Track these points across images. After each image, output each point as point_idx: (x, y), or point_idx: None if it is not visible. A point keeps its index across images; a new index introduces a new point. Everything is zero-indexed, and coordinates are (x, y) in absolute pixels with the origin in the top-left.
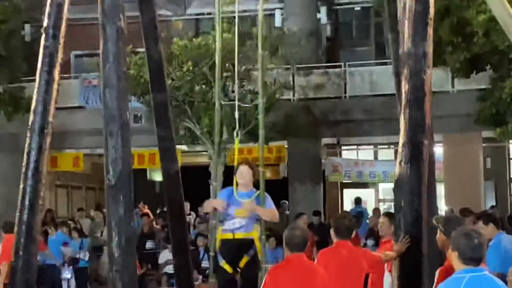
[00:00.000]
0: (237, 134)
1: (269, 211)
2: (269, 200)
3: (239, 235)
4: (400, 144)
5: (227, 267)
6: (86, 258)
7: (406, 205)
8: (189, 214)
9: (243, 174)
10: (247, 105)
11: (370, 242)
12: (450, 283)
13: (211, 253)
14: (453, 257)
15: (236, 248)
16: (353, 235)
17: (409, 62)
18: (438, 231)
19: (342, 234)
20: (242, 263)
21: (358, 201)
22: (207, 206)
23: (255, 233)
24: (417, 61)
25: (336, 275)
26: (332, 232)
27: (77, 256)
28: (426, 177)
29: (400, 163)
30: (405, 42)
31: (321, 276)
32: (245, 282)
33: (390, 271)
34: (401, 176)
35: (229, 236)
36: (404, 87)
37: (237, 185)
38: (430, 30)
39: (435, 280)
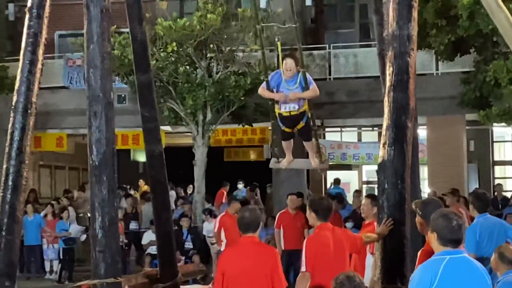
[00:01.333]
0: (278, 39)
1: (311, 91)
2: (310, 79)
3: (294, 112)
4: (384, 127)
5: (287, 130)
6: (83, 239)
7: (390, 188)
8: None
9: (289, 66)
10: None
11: (349, 224)
12: (429, 265)
13: (272, 121)
14: (432, 239)
15: (294, 120)
16: (334, 217)
17: (394, 44)
18: (417, 215)
19: (323, 216)
20: (299, 126)
21: (337, 181)
22: (264, 94)
23: (305, 107)
24: (402, 43)
25: (325, 259)
26: (312, 215)
27: (79, 236)
28: (410, 159)
29: (384, 146)
30: (390, 24)
31: (272, 257)
32: (303, 133)
33: (372, 253)
34: (384, 158)
35: (286, 113)
36: (389, 69)
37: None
38: (415, 13)
39: (416, 262)
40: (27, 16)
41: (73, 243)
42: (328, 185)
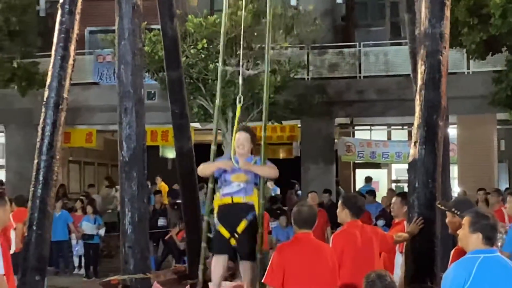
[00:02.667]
0: (239, 100)
1: (267, 167)
2: (268, 162)
3: (238, 199)
4: (415, 125)
5: (223, 232)
6: (103, 234)
7: (420, 186)
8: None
9: (241, 142)
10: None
11: (380, 222)
12: (463, 263)
13: (205, 217)
14: (472, 239)
15: (235, 212)
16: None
17: (426, 42)
18: (449, 214)
19: (355, 214)
20: (240, 228)
21: (368, 179)
22: (206, 169)
23: (255, 198)
24: (434, 42)
25: (353, 256)
26: (345, 211)
27: (95, 232)
28: (441, 158)
29: (415, 144)
30: (422, 23)
31: (330, 254)
32: (242, 247)
33: (401, 252)
34: (415, 157)
35: (227, 200)
36: (420, 67)
37: (234, 153)
38: (447, 11)
39: (450, 260)
40: (59, 12)
41: (90, 239)
42: (357, 183)
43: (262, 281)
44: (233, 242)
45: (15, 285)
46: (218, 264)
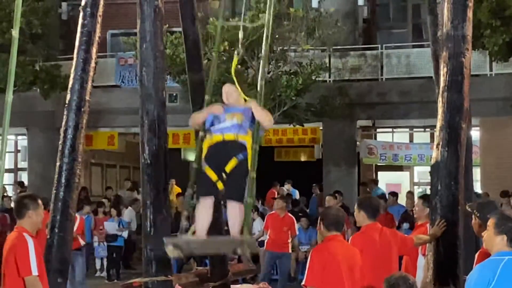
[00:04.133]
0: (238, 52)
1: (266, 112)
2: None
3: (230, 136)
4: (438, 127)
5: (210, 173)
6: (125, 236)
7: (443, 189)
8: None
9: (227, 92)
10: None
11: (405, 225)
12: (488, 265)
13: (194, 165)
14: (496, 241)
15: (225, 150)
16: (386, 217)
17: (448, 44)
18: (474, 217)
19: (372, 216)
20: (229, 167)
21: (375, 182)
22: (197, 117)
23: (248, 138)
24: (456, 43)
25: (371, 258)
26: (362, 213)
27: (120, 234)
28: (463, 161)
29: (437, 146)
30: (444, 25)
31: (358, 255)
32: (230, 187)
33: (424, 254)
34: (438, 159)
35: (218, 138)
36: (443, 70)
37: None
38: (470, 13)
39: (474, 262)
40: (81, 14)
41: (113, 241)
42: (380, 186)
43: (302, 284)
44: (220, 185)
45: (48, 287)
46: (204, 206)
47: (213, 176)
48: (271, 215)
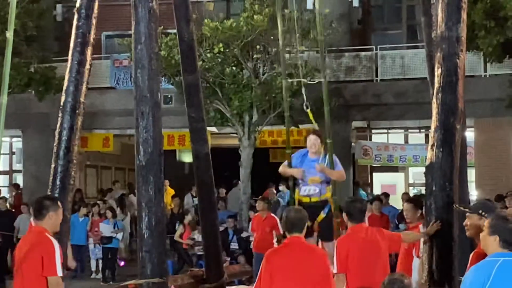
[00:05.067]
0: (307, 106)
1: (337, 172)
2: (337, 161)
3: (315, 199)
4: (432, 128)
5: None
6: (120, 238)
7: (438, 190)
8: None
9: (312, 142)
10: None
11: (402, 226)
12: (482, 266)
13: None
14: (490, 241)
15: (314, 209)
16: (381, 219)
17: (443, 45)
18: (471, 217)
19: (356, 218)
20: (320, 218)
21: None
22: (285, 171)
23: (328, 194)
24: (451, 45)
25: (358, 259)
26: (345, 216)
27: (114, 235)
28: (458, 161)
29: (432, 147)
30: (439, 26)
31: (322, 257)
32: (324, 230)
33: (418, 256)
34: (432, 160)
35: (306, 199)
36: (437, 71)
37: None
38: (464, 14)
39: (468, 264)
40: (75, 16)
41: (108, 242)
42: (374, 187)
43: (334, 272)
44: (315, 226)
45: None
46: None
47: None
48: (255, 217)
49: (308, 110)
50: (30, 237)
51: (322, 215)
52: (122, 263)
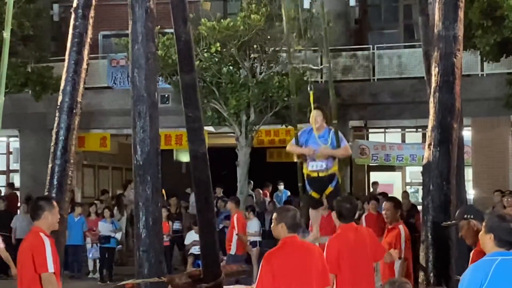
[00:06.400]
0: (311, 87)
1: (342, 150)
2: (342, 137)
3: (323, 173)
4: (429, 127)
5: (315, 195)
6: (119, 238)
7: (435, 189)
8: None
9: (315, 118)
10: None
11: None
12: (480, 265)
13: (299, 184)
14: (486, 239)
15: (322, 183)
16: (378, 218)
17: (440, 45)
18: (463, 226)
19: (346, 218)
20: (328, 191)
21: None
22: (294, 150)
23: (335, 168)
24: (448, 44)
25: (348, 259)
26: (334, 216)
27: (113, 235)
28: (455, 161)
29: (429, 147)
30: (436, 25)
31: (318, 255)
32: (332, 199)
33: (400, 258)
34: (429, 159)
35: (314, 174)
36: (434, 70)
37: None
38: (461, 13)
39: (469, 262)
40: (72, 16)
41: (106, 242)
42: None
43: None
44: (323, 199)
45: (61, 285)
46: (317, 215)
47: (317, 196)
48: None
49: (311, 92)
50: (27, 238)
51: (330, 188)
52: None
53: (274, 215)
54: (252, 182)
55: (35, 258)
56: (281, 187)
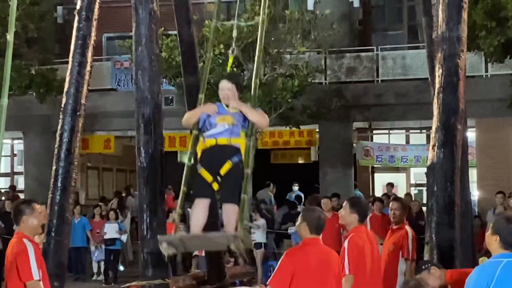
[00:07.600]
0: (232, 51)
1: (259, 112)
2: (259, 109)
3: (223, 140)
4: (433, 129)
5: (206, 175)
6: (125, 240)
7: (439, 190)
8: None
9: (225, 93)
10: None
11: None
12: (486, 267)
13: (187, 163)
14: (492, 241)
15: (219, 154)
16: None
17: (443, 46)
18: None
19: (363, 218)
20: (224, 170)
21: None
22: (190, 116)
23: (241, 140)
24: (451, 45)
25: (366, 258)
26: (354, 215)
27: (119, 237)
28: (459, 162)
29: (433, 148)
30: (440, 26)
31: (336, 260)
32: (225, 190)
33: (406, 257)
34: (434, 160)
35: (211, 142)
36: (438, 71)
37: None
38: (465, 14)
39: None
40: (76, 18)
41: (112, 244)
42: (376, 187)
43: (268, 283)
44: (215, 186)
45: None
46: (199, 207)
47: (208, 177)
48: None
49: (231, 55)
50: (10, 243)
51: (229, 163)
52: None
53: (300, 214)
54: (272, 184)
55: (19, 267)
56: (296, 187)
